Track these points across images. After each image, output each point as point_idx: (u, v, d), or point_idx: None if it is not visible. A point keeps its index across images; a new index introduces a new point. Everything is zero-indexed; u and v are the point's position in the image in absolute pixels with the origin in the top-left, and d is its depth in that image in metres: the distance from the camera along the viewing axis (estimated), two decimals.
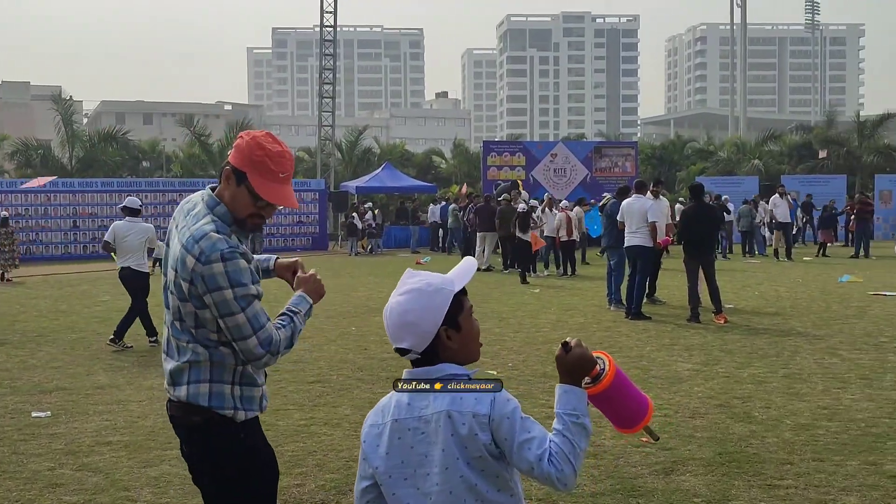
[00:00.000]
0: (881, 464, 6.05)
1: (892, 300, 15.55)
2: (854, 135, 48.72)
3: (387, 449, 2.50)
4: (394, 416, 2.51)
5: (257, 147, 3.24)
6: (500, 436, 2.40)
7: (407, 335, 2.51)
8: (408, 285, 2.54)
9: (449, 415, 2.42)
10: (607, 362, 2.58)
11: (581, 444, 2.42)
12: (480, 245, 23.68)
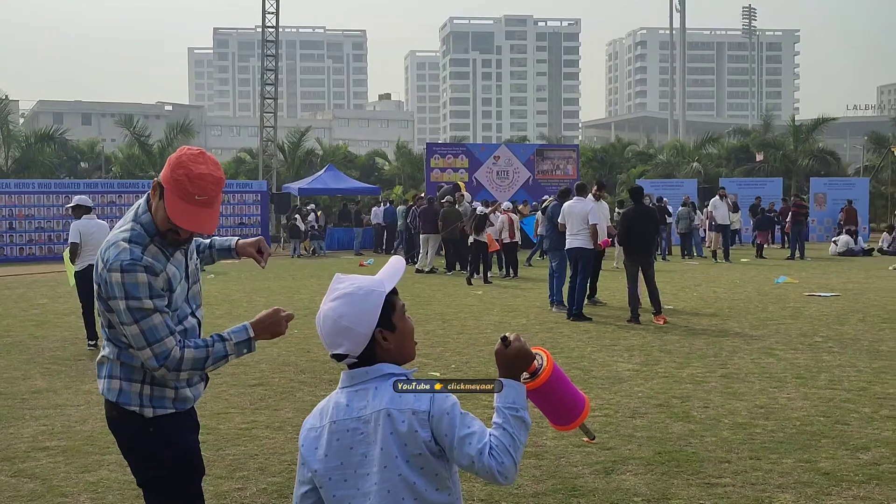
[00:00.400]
0: (815, 461, 6.18)
1: (826, 301, 15.88)
2: (790, 138, 49.72)
3: (325, 451, 2.50)
4: (332, 418, 2.51)
5: (179, 165, 3.22)
6: (441, 431, 2.41)
7: (343, 340, 2.50)
8: (338, 291, 2.54)
9: (388, 413, 2.42)
10: (545, 358, 2.60)
11: (521, 437, 2.44)
12: (424, 247, 23.70)
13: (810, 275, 21.32)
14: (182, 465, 3.44)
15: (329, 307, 2.53)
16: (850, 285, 18.61)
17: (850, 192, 36.99)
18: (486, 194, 31.95)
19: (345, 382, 2.56)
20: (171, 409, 3.42)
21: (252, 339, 3.43)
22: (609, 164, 50.51)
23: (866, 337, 11.74)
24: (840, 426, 7.10)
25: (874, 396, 8.15)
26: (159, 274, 3.24)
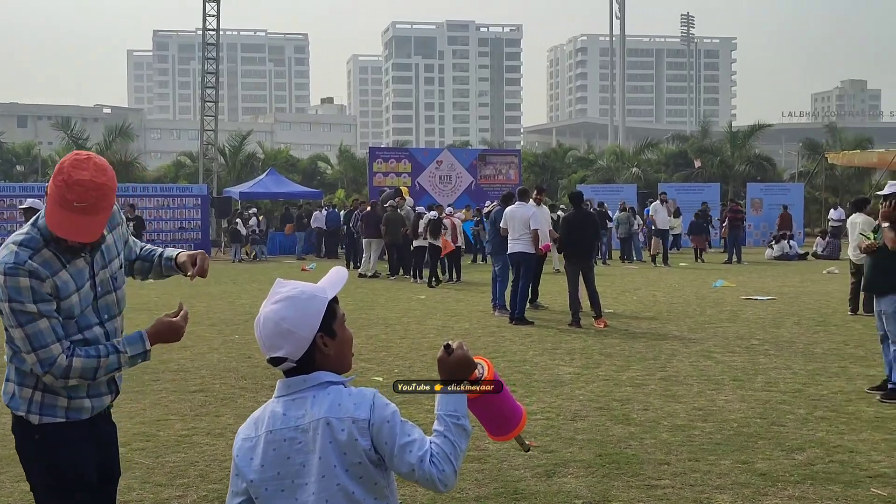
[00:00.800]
0: (752, 462, 6.30)
1: (763, 304, 16.18)
2: (727, 144, 50.57)
3: (261, 461, 2.46)
4: (268, 427, 2.47)
5: (60, 171, 3.17)
6: (381, 440, 2.40)
7: (283, 343, 2.47)
8: (281, 294, 2.51)
9: (328, 422, 2.40)
10: (486, 367, 2.61)
11: (461, 444, 2.46)
12: (367, 251, 23.65)
13: (747, 279, 21.70)
14: (63, 476, 3.36)
15: (270, 309, 2.50)
16: (786, 289, 18.97)
17: (786, 197, 37.69)
18: (429, 199, 31.96)
19: (281, 391, 2.52)
20: (62, 418, 3.36)
21: (148, 350, 3.42)
22: (550, 170, 50.86)
23: (801, 339, 11.98)
24: (776, 427, 7.24)
25: (809, 398, 8.33)
26: (45, 279, 3.20)
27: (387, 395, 2.52)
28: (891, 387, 8.32)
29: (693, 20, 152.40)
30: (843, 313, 14.61)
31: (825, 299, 16.80)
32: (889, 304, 8.43)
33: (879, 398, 8.24)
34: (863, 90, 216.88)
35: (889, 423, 7.35)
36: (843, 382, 9.06)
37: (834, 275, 22.30)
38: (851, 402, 8.19)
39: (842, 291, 16.48)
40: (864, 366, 9.93)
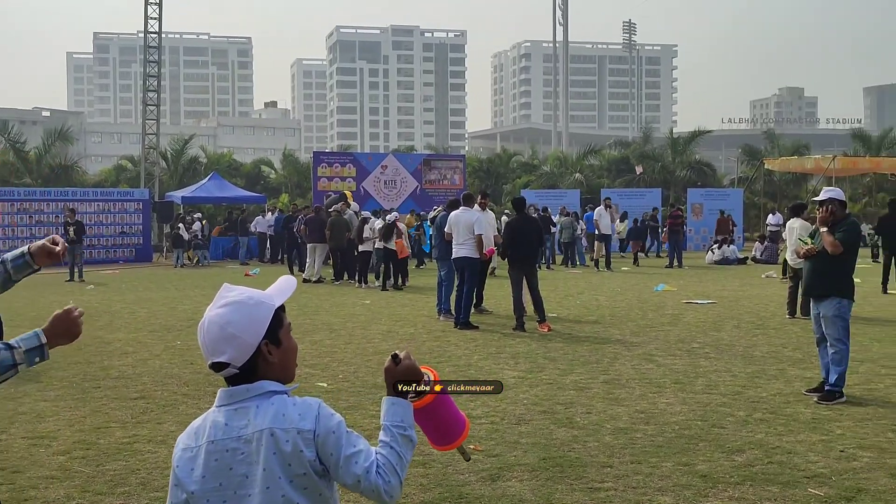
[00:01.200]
0: (693, 464, 6.39)
1: (703, 308, 16.40)
2: (668, 150, 51.22)
3: (203, 472, 2.41)
4: (210, 437, 2.42)
5: None
6: (326, 451, 2.38)
7: (228, 348, 2.42)
8: (228, 298, 2.48)
9: (272, 432, 2.36)
10: (432, 378, 2.62)
11: (407, 455, 2.45)
12: (311, 256, 23.53)
13: (688, 283, 21.99)
14: None
15: (216, 313, 2.46)
16: (726, 293, 19.27)
17: (725, 202, 38.29)
18: (373, 203, 31.95)
19: (223, 401, 2.47)
20: None
21: (44, 345, 3.20)
22: (495, 175, 51.04)
23: (741, 343, 12.18)
24: (716, 429, 7.35)
25: (748, 400, 8.47)
26: None
27: (331, 403, 2.52)
28: (827, 388, 8.49)
29: (635, 27, 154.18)
30: (781, 316, 14.87)
31: (764, 303, 17.09)
32: (829, 307, 8.59)
33: (816, 400, 8.40)
34: (800, 97, 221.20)
35: (826, 425, 7.50)
36: (781, 385, 9.22)
37: (772, 279, 22.69)
38: (789, 404, 8.34)
39: (780, 295, 16.78)
40: (802, 368, 10.12)
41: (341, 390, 9.06)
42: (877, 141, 52.36)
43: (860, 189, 50.71)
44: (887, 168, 45.02)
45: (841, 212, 8.76)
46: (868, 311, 15.50)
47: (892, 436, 7.10)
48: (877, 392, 8.84)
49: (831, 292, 8.59)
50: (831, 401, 8.32)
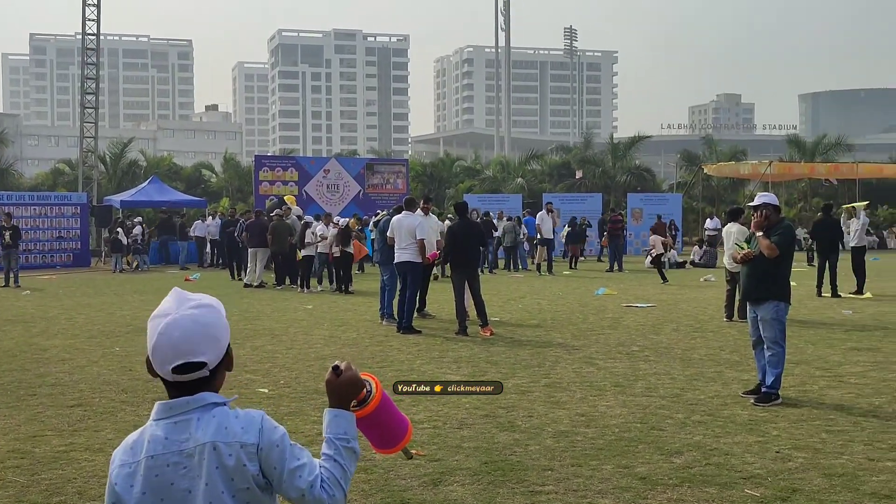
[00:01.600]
0: (633, 466, 6.46)
1: (643, 311, 16.59)
2: (609, 156, 51.80)
3: (143, 488, 2.34)
4: (149, 452, 2.35)
5: None
6: (270, 464, 2.35)
7: (207, 349, 2.37)
8: (197, 301, 2.42)
9: (214, 446, 2.32)
10: (374, 385, 2.61)
11: (351, 468, 2.45)
12: (252, 261, 23.34)
13: (628, 286, 22.23)
14: None
15: (193, 313, 2.38)
16: (665, 296, 19.51)
17: (664, 207, 38.79)
18: (316, 208, 31.75)
19: (161, 414, 2.40)
20: None
21: None
22: (438, 179, 51.17)
23: (679, 345, 12.34)
24: (656, 432, 7.44)
25: (687, 402, 8.58)
26: None
27: (273, 409, 2.51)
28: (764, 390, 8.64)
29: (576, 34, 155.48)
30: (719, 320, 15.10)
31: (702, 306, 17.34)
32: (767, 310, 8.75)
33: (753, 402, 8.55)
34: (737, 104, 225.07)
35: (762, 426, 7.63)
36: (719, 387, 9.37)
37: (710, 282, 23.03)
38: (727, 405, 8.47)
39: (718, 298, 17.04)
40: (739, 370, 10.29)
41: (283, 396, 9.00)
42: (811, 147, 53.53)
43: (795, 194, 51.79)
44: (822, 173, 46.08)
45: (775, 216, 8.93)
46: (803, 313, 15.81)
47: (826, 436, 7.25)
48: (811, 393, 9.02)
49: (768, 296, 8.75)
50: (767, 402, 8.47)
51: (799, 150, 53.29)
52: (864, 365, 10.61)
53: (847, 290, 19.31)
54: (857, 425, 7.60)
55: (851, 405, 8.43)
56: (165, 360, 2.37)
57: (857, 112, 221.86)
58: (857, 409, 8.23)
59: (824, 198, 42.56)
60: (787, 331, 9.17)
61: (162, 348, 2.36)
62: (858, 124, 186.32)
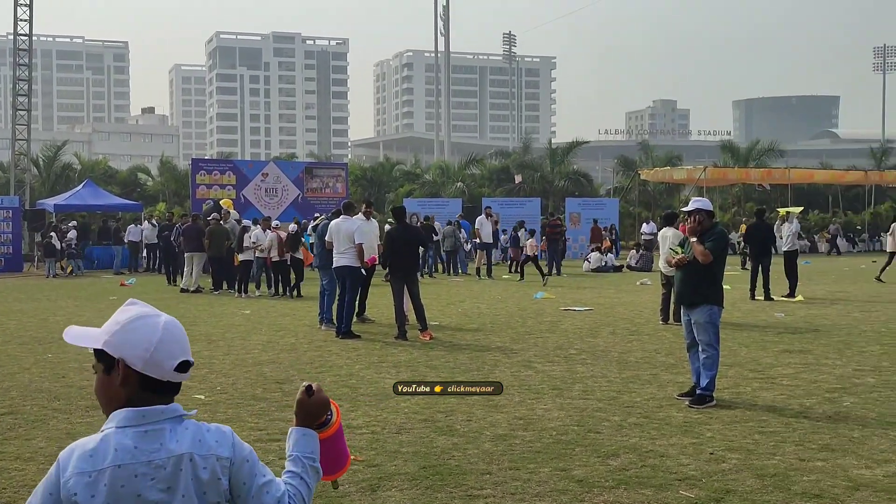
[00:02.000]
0: (570, 469, 6.51)
1: (580, 315, 16.74)
2: (547, 161, 52.19)
3: (105, 499, 2.22)
4: (115, 461, 2.23)
5: None
6: (239, 480, 2.34)
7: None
8: (159, 312, 2.40)
9: (191, 458, 2.28)
10: (335, 410, 2.66)
11: (314, 486, 2.48)
12: (188, 265, 23.07)
13: (566, 290, 22.41)
14: None
15: (170, 319, 2.39)
16: (602, 300, 19.71)
17: (602, 211, 39.24)
18: (254, 212, 31.51)
19: (130, 422, 2.29)
20: None
21: None
22: (378, 183, 51.05)
23: (616, 349, 12.48)
24: (592, 434, 7.52)
25: (623, 405, 8.68)
26: None
27: (209, 416, 2.49)
28: (698, 392, 8.77)
29: (515, 39, 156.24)
30: (654, 323, 15.29)
31: (638, 310, 17.55)
32: (701, 314, 8.89)
33: (688, 404, 8.67)
34: (673, 110, 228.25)
35: (696, 428, 7.75)
36: (654, 389, 9.49)
37: (647, 286, 23.31)
38: (662, 408, 8.58)
39: (654, 302, 17.25)
40: (674, 373, 10.43)
41: (219, 402, 8.91)
42: (745, 152, 54.53)
43: (729, 199, 52.67)
44: (755, 178, 46.97)
45: (708, 221, 9.08)
46: (737, 316, 16.09)
47: (759, 437, 7.38)
48: (744, 395, 9.18)
49: (701, 300, 8.90)
50: (702, 404, 8.60)
51: (733, 156, 54.21)
52: (795, 367, 10.83)
53: (779, 294, 19.68)
54: (788, 426, 7.76)
55: (783, 406, 8.60)
56: (172, 355, 2.33)
57: (788, 118, 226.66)
58: (789, 411, 8.40)
59: (757, 203, 43.39)
60: (721, 333, 9.33)
61: (169, 343, 2.34)
62: (790, 130, 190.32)
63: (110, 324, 2.38)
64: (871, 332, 13.90)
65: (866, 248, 46.89)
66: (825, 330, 14.29)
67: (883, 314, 16.46)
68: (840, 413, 8.28)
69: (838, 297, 20.16)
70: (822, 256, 42.25)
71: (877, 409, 8.40)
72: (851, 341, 12.96)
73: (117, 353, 2.33)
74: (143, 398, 2.32)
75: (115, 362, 2.33)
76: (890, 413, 8.25)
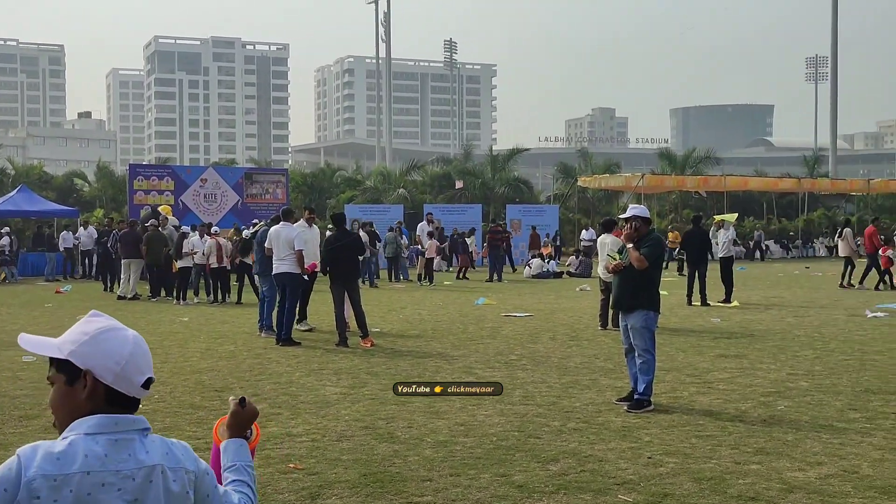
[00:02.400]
0: (510, 475, 6.54)
1: (521, 321, 16.83)
2: (488, 167, 52.42)
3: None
4: (84, 468, 2.16)
5: None
6: (202, 493, 2.35)
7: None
8: (123, 326, 2.39)
9: (163, 470, 2.26)
10: (255, 430, 2.72)
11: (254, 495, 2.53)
12: (126, 272, 22.73)
13: (507, 296, 22.52)
14: None
15: (138, 334, 2.38)
16: (542, 306, 19.84)
17: (542, 218, 39.52)
18: (193, 218, 31.14)
19: (103, 428, 2.23)
20: None
21: None
22: (318, 189, 50.80)
23: (556, 354, 12.57)
24: (532, 440, 7.56)
25: (563, 410, 8.75)
26: None
27: None
28: (636, 397, 8.88)
29: (456, 46, 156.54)
30: (593, 328, 15.43)
31: (578, 315, 17.69)
32: (637, 319, 9.00)
33: (626, 408, 8.77)
34: (612, 117, 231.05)
35: (634, 432, 7.84)
36: (593, 394, 9.58)
37: (586, 292, 23.52)
38: (601, 413, 8.67)
39: (593, 307, 17.41)
40: (613, 378, 10.54)
41: (157, 411, 8.79)
42: (681, 160, 55.34)
43: (667, 205, 53.37)
44: (691, 186, 47.71)
45: (645, 228, 9.20)
46: (674, 322, 16.31)
47: (696, 441, 7.49)
48: (682, 400, 9.31)
49: (638, 305, 9.01)
50: (640, 409, 8.70)
51: (670, 164, 55.01)
52: (731, 371, 11.01)
53: (715, 299, 19.99)
54: (724, 430, 7.88)
55: (719, 411, 8.73)
56: (141, 370, 2.31)
57: (724, 127, 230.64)
58: (725, 415, 8.54)
59: (694, 209, 44.01)
60: (658, 339, 9.46)
61: (138, 357, 2.32)
62: (726, 139, 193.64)
63: (75, 334, 2.31)
64: (805, 337, 14.19)
65: (800, 255, 47.86)
66: (760, 335, 14.55)
67: (816, 319, 16.81)
68: (774, 417, 8.44)
69: (773, 302, 20.54)
70: (757, 263, 43.02)
71: (810, 413, 8.58)
72: (785, 346, 13.21)
73: (85, 364, 2.26)
74: (108, 412, 2.27)
75: (81, 374, 2.27)
76: (822, 416, 8.43)
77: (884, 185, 54.14)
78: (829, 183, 54.05)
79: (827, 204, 57.22)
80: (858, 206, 56.47)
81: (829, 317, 17.19)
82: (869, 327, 15.47)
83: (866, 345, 13.24)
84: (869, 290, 23.39)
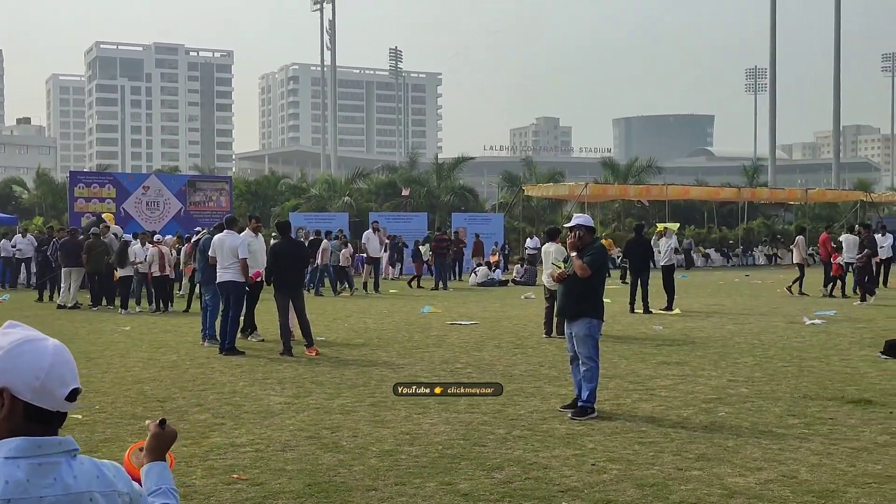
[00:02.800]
0: (455, 483, 6.55)
1: (466, 329, 16.86)
2: (434, 176, 52.51)
3: None
4: (6, 495, 2.06)
5: None
6: None
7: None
8: (44, 336, 2.23)
9: (91, 497, 2.16)
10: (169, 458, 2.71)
11: None
12: (66, 281, 22.35)
13: (452, 304, 22.56)
14: None
15: (56, 343, 2.20)
16: (487, 314, 19.91)
17: (487, 226, 39.65)
18: (135, 226, 30.73)
19: (24, 452, 2.11)
20: None
21: None
22: (263, 197, 50.50)
23: (501, 362, 12.62)
24: (478, 448, 7.58)
25: (507, 418, 8.78)
26: None
27: (87, 436, 2.43)
28: (580, 405, 8.95)
29: (401, 54, 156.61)
30: (538, 336, 15.51)
31: (523, 323, 17.78)
32: (580, 327, 9.08)
33: (570, 416, 8.83)
34: (556, 127, 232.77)
35: (579, 439, 7.90)
36: (538, 402, 9.63)
37: (531, 300, 23.64)
38: (546, 420, 8.72)
39: (538, 315, 17.51)
40: (557, 385, 10.61)
41: (97, 422, 8.66)
42: (624, 169, 55.99)
43: (610, 214, 53.91)
44: (634, 195, 48.23)
45: (588, 237, 9.29)
46: (617, 329, 16.46)
47: (639, 448, 7.57)
48: (625, 407, 9.40)
49: (581, 313, 9.09)
50: (584, 416, 8.77)
51: (613, 173, 55.59)
52: (673, 378, 11.15)
53: (658, 307, 20.22)
54: (666, 436, 7.98)
55: (662, 417, 8.84)
56: (64, 382, 2.16)
57: (666, 136, 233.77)
58: (667, 421, 8.64)
59: (637, 218, 44.50)
60: (602, 346, 9.54)
61: (61, 368, 2.16)
62: (667, 148, 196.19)
63: None
64: (745, 344, 14.41)
65: (740, 263, 48.58)
66: (701, 342, 14.75)
67: (756, 326, 17.08)
68: (715, 423, 8.56)
69: (714, 309, 20.83)
70: (698, 270, 43.55)
71: (750, 419, 8.72)
72: (726, 353, 13.41)
73: (1, 381, 2.13)
74: (28, 430, 2.14)
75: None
76: (762, 422, 8.57)
77: (821, 194, 55.37)
78: (768, 192, 55.05)
79: (766, 213, 58.23)
80: (797, 216, 57.54)
81: (769, 324, 17.48)
82: (807, 334, 15.76)
83: (804, 351, 13.49)
84: (837, 298, 23.61)
